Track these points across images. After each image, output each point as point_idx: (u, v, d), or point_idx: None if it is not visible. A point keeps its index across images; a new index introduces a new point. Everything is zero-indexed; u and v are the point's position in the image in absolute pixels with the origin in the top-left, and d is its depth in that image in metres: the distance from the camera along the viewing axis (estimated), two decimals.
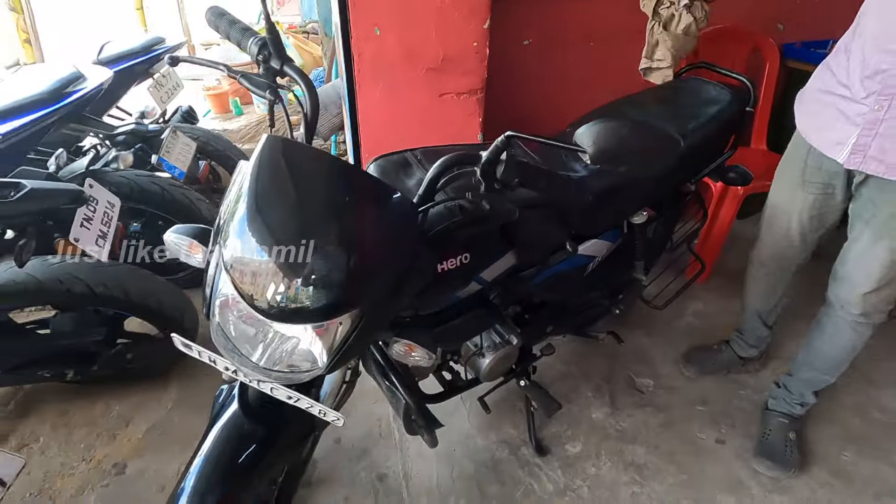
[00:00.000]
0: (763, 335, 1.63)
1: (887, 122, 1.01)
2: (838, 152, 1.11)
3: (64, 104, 1.48)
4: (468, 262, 0.94)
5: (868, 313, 1.26)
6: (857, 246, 1.21)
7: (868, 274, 1.19)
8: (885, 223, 1.12)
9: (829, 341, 1.37)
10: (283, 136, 0.82)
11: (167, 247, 0.88)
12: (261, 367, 0.77)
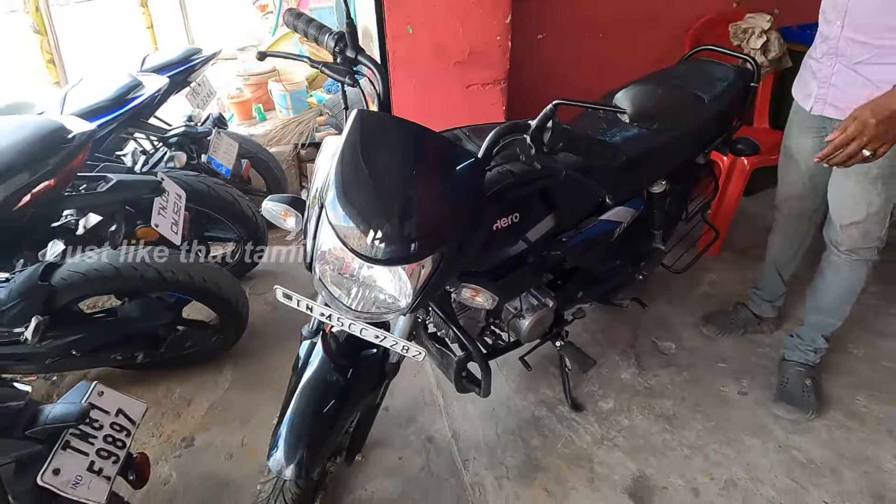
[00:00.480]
0: (779, 291, 1.76)
1: (836, 76, 1.25)
2: (808, 103, 1.34)
3: (127, 109, 1.63)
4: (517, 222, 1.08)
5: (854, 249, 1.40)
6: (833, 184, 1.38)
7: (844, 206, 1.36)
8: None
9: (829, 283, 1.51)
10: (372, 110, 0.96)
11: (265, 213, 1.01)
12: (353, 309, 0.90)
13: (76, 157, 1.28)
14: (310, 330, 1.13)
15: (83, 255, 1.47)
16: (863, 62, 1.19)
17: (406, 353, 0.96)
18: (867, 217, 1.33)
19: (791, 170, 1.54)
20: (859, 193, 1.31)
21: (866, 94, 1.17)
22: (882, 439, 1.49)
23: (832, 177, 1.38)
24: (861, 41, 1.18)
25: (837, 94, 1.27)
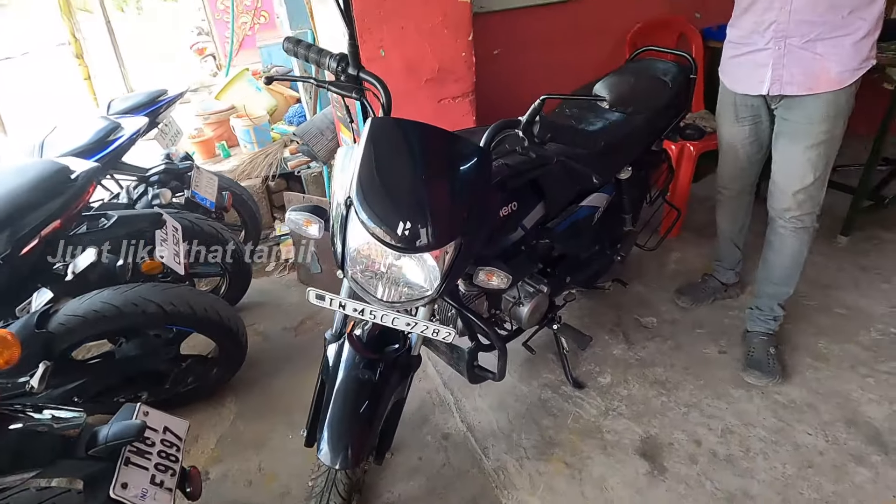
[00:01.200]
0: (737, 257, 1.95)
1: (788, 56, 1.35)
2: (763, 88, 1.44)
3: (110, 150, 1.64)
4: (516, 210, 1.19)
5: (801, 216, 1.54)
6: (781, 156, 1.51)
7: (793, 174, 1.49)
8: (797, 129, 1.44)
9: (778, 253, 1.64)
10: (387, 117, 1.04)
11: (288, 224, 1.07)
12: (384, 301, 0.97)
13: (81, 197, 1.29)
14: (333, 333, 1.18)
15: (80, 298, 1.46)
16: (812, 39, 1.31)
17: (437, 336, 1.03)
18: (813, 182, 1.47)
19: (730, 156, 1.69)
20: (806, 161, 1.45)
21: (818, 67, 1.32)
22: (845, 374, 1.67)
23: (778, 150, 1.52)
24: (809, 20, 1.29)
25: (794, 72, 1.37)
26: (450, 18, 1.74)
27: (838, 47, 1.30)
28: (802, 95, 1.38)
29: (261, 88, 3.58)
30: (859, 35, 1.28)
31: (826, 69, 1.31)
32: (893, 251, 2.25)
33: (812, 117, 1.40)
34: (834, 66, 1.31)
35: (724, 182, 1.78)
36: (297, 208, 1.06)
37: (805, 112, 1.41)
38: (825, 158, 1.45)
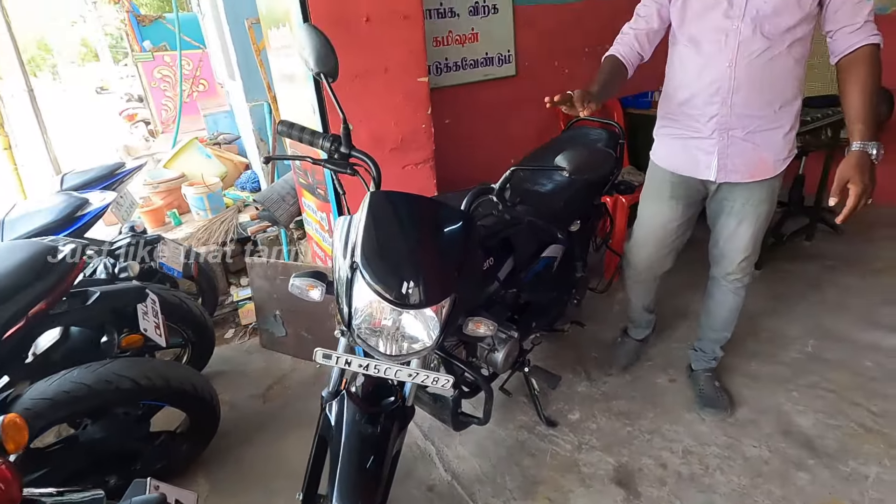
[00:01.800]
0: (650, 319, 2.07)
1: (732, 147, 1.45)
2: (710, 174, 1.50)
3: (79, 226, 1.63)
4: (493, 265, 1.33)
5: (742, 277, 1.69)
6: (726, 231, 1.62)
7: (738, 248, 1.62)
8: (742, 211, 1.56)
9: (720, 305, 1.79)
10: (383, 190, 1.16)
11: (292, 290, 1.14)
12: (387, 354, 1.06)
13: (69, 276, 1.27)
14: (330, 392, 1.23)
15: (48, 379, 1.40)
16: (751, 131, 1.42)
17: (436, 384, 1.12)
18: (754, 250, 1.63)
19: (651, 238, 1.72)
20: (750, 237, 1.58)
21: (757, 157, 1.44)
22: (776, 390, 1.91)
23: (725, 228, 1.60)
24: (749, 114, 1.39)
25: (737, 162, 1.46)
26: (411, 96, 1.94)
27: (772, 139, 1.43)
28: (745, 182, 1.50)
29: (210, 156, 3.62)
30: (787, 129, 1.43)
31: (764, 159, 1.44)
32: (796, 280, 2.62)
33: (753, 200, 1.53)
34: (770, 156, 1.45)
35: (639, 266, 1.81)
36: (301, 274, 1.14)
37: (747, 196, 1.53)
38: (763, 231, 1.61)
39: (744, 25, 1.32)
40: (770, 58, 1.32)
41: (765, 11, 1.29)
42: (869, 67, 1.25)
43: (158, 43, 6.60)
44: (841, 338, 2.16)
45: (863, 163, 1.18)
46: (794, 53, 1.34)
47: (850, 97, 1.26)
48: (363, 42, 1.79)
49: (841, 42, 1.29)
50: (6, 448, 0.86)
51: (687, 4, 1.41)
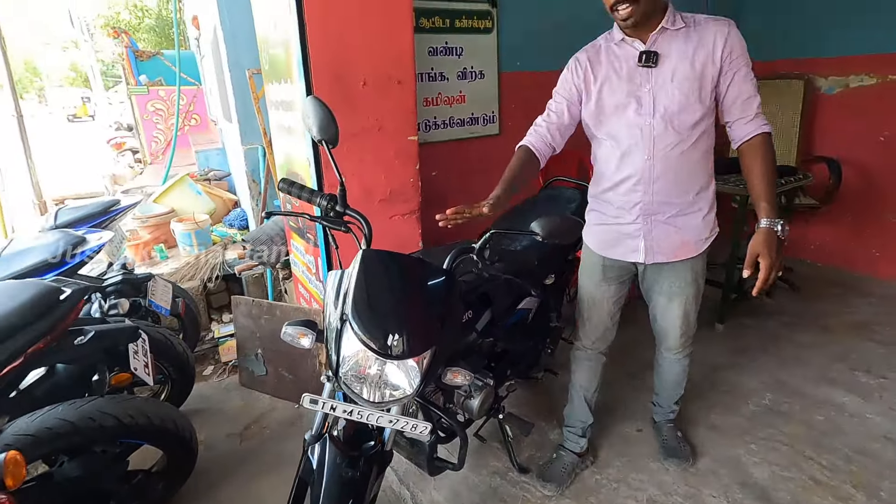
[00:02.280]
0: (588, 421, 1.91)
1: (655, 230, 1.52)
2: (637, 257, 1.57)
3: (75, 264, 1.68)
4: (472, 317, 1.44)
5: (683, 349, 1.78)
6: (660, 308, 1.70)
7: (674, 325, 1.70)
8: (671, 290, 1.63)
9: (667, 374, 1.88)
10: (374, 249, 1.27)
11: (284, 337, 1.22)
12: (370, 401, 1.14)
13: (69, 316, 1.32)
14: (313, 435, 1.29)
15: (31, 415, 1.42)
16: (672, 216, 1.50)
17: (415, 430, 1.19)
18: (689, 326, 1.71)
19: (595, 315, 1.76)
20: (683, 314, 1.66)
21: (679, 239, 1.53)
22: (734, 442, 2.02)
23: (658, 307, 1.69)
24: (668, 201, 1.48)
25: (661, 244, 1.54)
26: (401, 152, 2.09)
27: (692, 223, 1.53)
28: (672, 262, 1.58)
29: (201, 192, 3.70)
30: (705, 211, 1.54)
31: (686, 241, 1.54)
32: (755, 335, 2.78)
33: (679, 282, 1.61)
34: (691, 238, 1.54)
35: (586, 342, 1.84)
36: (293, 323, 1.23)
37: (674, 276, 1.61)
38: (696, 306, 1.69)
39: (656, 122, 1.41)
40: (683, 150, 1.43)
41: (672, 109, 1.39)
42: (764, 153, 1.40)
43: (154, 77, 6.76)
44: (796, 392, 2.29)
45: (770, 239, 1.29)
46: (701, 146, 1.46)
47: (753, 180, 1.40)
48: (360, 103, 1.95)
49: (738, 131, 1.44)
50: (6, 483, 0.90)
51: (600, 107, 1.49)
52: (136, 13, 18.30)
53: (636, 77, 1.42)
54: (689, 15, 1.42)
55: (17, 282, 1.37)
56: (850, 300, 3.15)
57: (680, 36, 1.39)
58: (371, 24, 1.89)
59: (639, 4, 1.29)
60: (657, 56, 1.38)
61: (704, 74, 1.37)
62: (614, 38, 1.47)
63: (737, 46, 1.37)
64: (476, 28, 2.59)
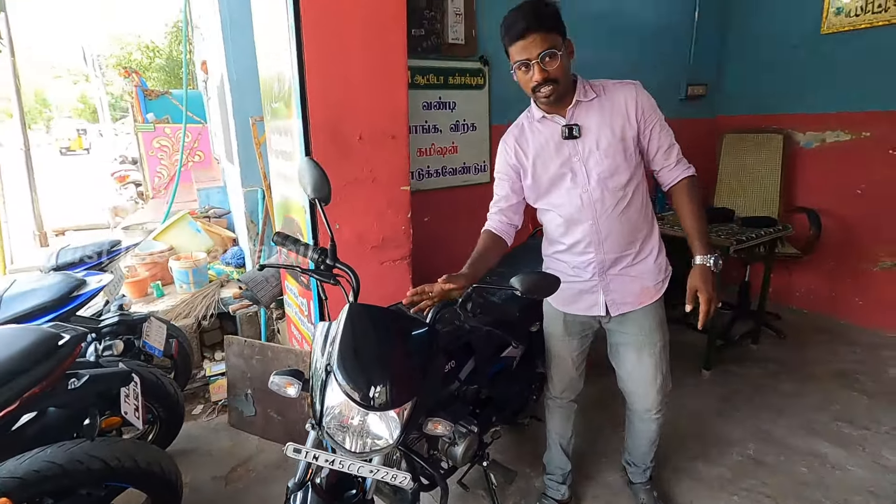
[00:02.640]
0: (567, 468, 1.95)
1: (613, 283, 1.57)
2: (598, 311, 1.60)
3: (73, 306, 1.74)
4: (455, 367, 1.49)
5: (658, 408, 1.73)
6: (629, 364, 1.68)
7: (646, 380, 1.67)
8: (638, 341, 1.63)
9: (639, 434, 1.85)
10: (358, 303, 1.33)
11: (271, 386, 1.27)
12: (352, 451, 1.18)
13: (65, 362, 1.37)
14: (296, 483, 1.32)
15: (20, 458, 1.45)
16: (625, 266, 1.56)
17: (395, 480, 1.22)
18: (663, 380, 1.69)
19: (561, 367, 1.79)
20: (653, 366, 1.65)
21: (638, 286, 1.57)
22: (717, 493, 2.03)
23: (627, 361, 1.68)
24: (617, 255, 1.54)
25: (622, 294, 1.58)
26: (393, 201, 2.18)
27: (645, 268, 1.58)
28: (635, 310, 1.61)
29: (200, 230, 3.79)
30: (654, 255, 1.59)
31: (645, 286, 1.58)
32: (741, 383, 2.82)
33: (645, 328, 1.62)
34: (649, 282, 1.59)
35: (555, 392, 1.87)
36: (280, 373, 1.28)
37: (638, 324, 1.62)
38: (666, 358, 1.68)
39: (592, 189, 1.48)
40: (622, 210, 1.50)
41: (604, 175, 1.47)
42: (690, 194, 1.50)
43: (161, 115, 6.98)
44: (779, 443, 2.32)
45: (705, 274, 1.40)
46: (638, 199, 1.53)
47: (685, 220, 1.50)
48: (355, 155, 2.06)
49: (664, 177, 1.54)
50: None
51: (537, 181, 1.55)
52: (148, 53, 18.99)
53: (564, 150, 1.49)
54: (597, 83, 1.50)
55: (17, 327, 1.42)
56: (835, 348, 3.20)
57: (595, 105, 1.47)
58: (368, 84, 2.02)
59: (559, 84, 1.38)
60: (579, 128, 1.46)
61: (625, 137, 1.46)
62: (535, 116, 1.54)
63: (647, 105, 1.47)
64: (469, 84, 2.75)
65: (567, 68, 1.40)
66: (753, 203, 3.66)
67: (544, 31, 1.32)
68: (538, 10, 1.33)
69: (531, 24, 1.31)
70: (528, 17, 1.32)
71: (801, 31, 3.50)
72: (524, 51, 1.34)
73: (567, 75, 1.41)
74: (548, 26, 1.33)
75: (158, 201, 6.43)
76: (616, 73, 3.65)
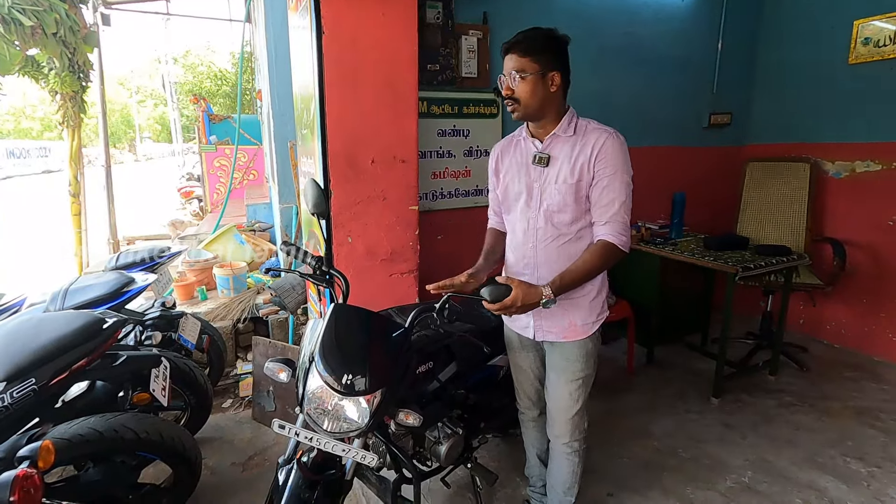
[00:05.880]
0: (545, 477, 1.95)
1: (543, 313, 1.60)
2: (528, 333, 1.67)
3: (122, 300, 2.05)
4: (432, 367, 1.65)
5: (570, 441, 1.72)
6: (551, 386, 1.71)
7: (562, 404, 1.68)
8: (561, 366, 1.66)
9: (559, 469, 1.81)
10: (344, 304, 1.54)
11: (266, 371, 1.49)
12: (328, 431, 1.36)
13: (107, 342, 1.66)
14: (285, 459, 1.52)
15: (69, 423, 1.73)
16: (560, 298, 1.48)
17: (364, 461, 1.39)
18: (577, 411, 1.68)
19: (525, 380, 1.83)
20: (569, 394, 1.66)
21: (566, 320, 1.59)
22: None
23: (550, 383, 1.70)
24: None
25: (550, 324, 1.62)
26: (402, 218, 2.40)
27: (579, 306, 1.59)
28: (561, 341, 1.64)
29: (244, 242, 4.16)
30: (592, 296, 1.60)
31: (573, 322, 1.60)
32: (752, 412, 2.77)
33: (569, 357, 1.64)
34: (578, 319, 1.60)
35: (521, 405, 1.92)
36: (275, 360, 1.49)
37: (563, 353, 1.65)
38: (584, 393, 1.68)
39: (539, 216, 1.55)
40: (562, 243, 1.55)
41: (552, 208, 1.53)
42: (594, 254, 1.47)
43: (223, 137, 7.65)
44: (779, 473, 2.28)
45: (534, 294, 1.37)
46: (585, 239, 1.55)
47: (575, 262, 1.47)
48: (368, 177, 2.29)
49: (593, 230, 1.54)
50: (38, 464, 1.18)
51: (504, 193, 1.66)
52: (216, 81, 20.76)
53: (531, 173, 1.57)
54: (583, 122, 1.53)
55: (73, 312, 1.73)
56: (862, 385, 3.08)
57: (569, 142, 1.52)
58: (381, 113, 2.27)
59: (520, 104, 1.48)
60: (549, 158, 1.53)
61: (581, 179, 1.48)
62: (522, 134, 1.64)
63: (609, 155, 1.45)
64: (483, 113, 2.95)
65: (537, 94, 1.47)
66: (778, 232, 3.61)
67: (520, 53, 1.44)
68: (528, 35, 1.46)
69: (511, 46, 1.46)
70: (514, 39, 1.46)
71: (829, 60, 3.48)
72: (505, 65, 1.49)
73: (535, 100, 1.47)
74: (526, 50, 1.44)
75: (215, 215, 7.02)
76: (637, 103, 3.79)
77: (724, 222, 3.94)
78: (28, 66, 4.92)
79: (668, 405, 2.83)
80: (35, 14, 4.43)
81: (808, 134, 3.67)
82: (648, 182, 2.97)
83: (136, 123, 33.46)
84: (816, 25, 3.55)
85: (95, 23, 6.14)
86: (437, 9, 2.72)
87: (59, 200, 8.05)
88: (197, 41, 44.68)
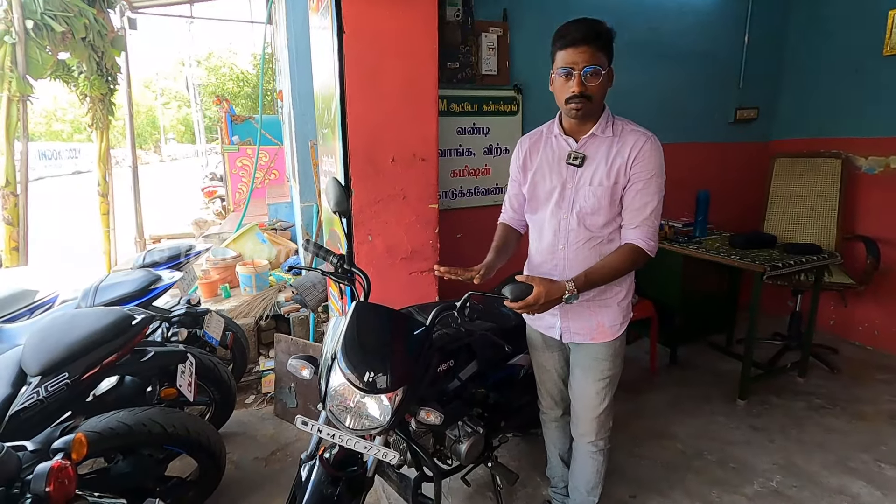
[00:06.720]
0: (567, 479, 1.94)
1: (571, 313, 1.59)
2: (554, 333, 1.65)
3: (150, 297, 2.10)
4: (453, 366, 1.65)
5: (595, 440, 1.71)
6: (576, 384, 1.69)
7: (588, 403, 1.67)
8: (587, 365, 1.65)
9: (582, 469, 1.80)
10: (366, 301, 1.55)
11: (289, 368, 1.50)
12: (351, 428, 1.37)
13: (136, 338, 1.70)
14: (308, 455, 1.54)
15: (100, 417, 1.78)
16: (588, 300, 1.55)
17: (386, 458, 1.40)
18: (603, 410, 1.67)
19: (548, 380, 1.82)
20: (595, 393, 1.64)
21: (594, 322, 1.58)
22: None
23: (575, 381, 1.69)
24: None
25: (578, 325, 1.61)
26: (422, 217, 2.40)
27: (608, 308, 1.59)
28: (588, 342, 1.63)
29: (266, 241, 4.22)
30: (619, 298, 1.59)
31: (601, 324, 1.59)
32: (780, 414, 2.70)
33: (596, 356, 1.63)
34: (606, 321, 1.59)
35: (544, 406, 1.91)
36: (297, 357, 1.51)
37: (590, 353, 1.64)
38: (610, 392, 1.67)
39: (572, 218, 1.52)
40: (593, 245, 1.52)
41: (585, 210, 1.50)
42: (621, 256, 1.46)
43: (245, 137, 7.77)
44: (808, 477, 2.22)
45: (556, 290, 1.36)
46: (614, 244, 1.53)
47: (601, 262, 1.47)
48: (388, 175, 2.30)
49: (623, 234, 1.52)
50: (72, 456, 1.22)
51: (532, 192, 1.61)
52: (238, 83, 21.11)
53: (564, 172, 1.53)
54: (620, 122, 1.50)
55: (104, 308, 1.78)
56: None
57: (606, 143, 1.48)
58: (401, 112, 2.27)
59: (591, 102, 1.41)
60: (584, 158, 1.49)
61: (617, 182, 1.46)
62: (553, 130, 1.58)
63: (647, 159, 1.43)
64: (503, 111, 2.93)
65: (604, 91, 1.43)
66: (808, 230, 3.51)
67: (597, 47, 1.36)
68: (598, 26, 1.38)
69: (588, 36, 1.35)
70: (586, 29, 1.36)
71: (861, 52, 3.36)
72: (572, 58, 1.37)
73: (601, 97, 1.44)
74: (600, 44, 1.37)
75: (237, 214, 7.14)
76: (661, 98, 3.72)
77: (750, 220, 3.84)
78: (59, 70, 5.08)
79: (692, 406, 2.78)
80: (65, 19, 4.56)
81: (839, 128, 3.55)
82: (672, 179, 2.89)
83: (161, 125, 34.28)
84: (848, 16, 3.43)
85: (122, 27, 6.30)
86: (457, 6, 2.71)
87: (88, 200, 8.29)
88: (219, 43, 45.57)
